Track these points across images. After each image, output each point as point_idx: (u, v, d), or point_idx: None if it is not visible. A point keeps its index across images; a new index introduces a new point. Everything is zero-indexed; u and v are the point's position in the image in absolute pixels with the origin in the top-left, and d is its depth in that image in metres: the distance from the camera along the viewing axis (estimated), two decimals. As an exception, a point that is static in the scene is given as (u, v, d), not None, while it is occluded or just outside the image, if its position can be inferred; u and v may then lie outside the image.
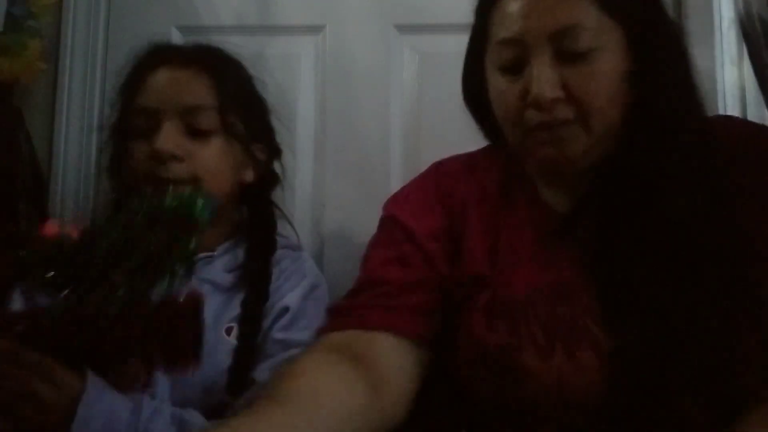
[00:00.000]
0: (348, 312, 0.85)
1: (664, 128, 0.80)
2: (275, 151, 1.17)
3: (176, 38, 1.49)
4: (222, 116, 1.04)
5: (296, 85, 1.47)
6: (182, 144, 1.01)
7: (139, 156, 1.02)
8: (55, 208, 1.41)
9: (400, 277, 0.85)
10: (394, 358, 0.80)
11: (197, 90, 1.05)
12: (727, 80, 1.29)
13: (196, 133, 1.03)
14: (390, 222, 0.95)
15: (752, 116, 1.27)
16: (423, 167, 1.42)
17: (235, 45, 1.49)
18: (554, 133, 0.80)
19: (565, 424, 0.78)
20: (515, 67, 0.82)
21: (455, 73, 1.48)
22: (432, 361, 0.85)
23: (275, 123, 1.20)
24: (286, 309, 1.04)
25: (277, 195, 1.29)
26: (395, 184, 1.43)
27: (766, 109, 1.25)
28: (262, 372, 0.98)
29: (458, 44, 1.47)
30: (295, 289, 1.07)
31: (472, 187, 0.93)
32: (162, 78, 1.05)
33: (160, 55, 1.09)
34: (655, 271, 0.76)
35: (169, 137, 1.00)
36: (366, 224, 1.43)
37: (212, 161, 1.03)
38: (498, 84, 0.85)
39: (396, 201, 0.99)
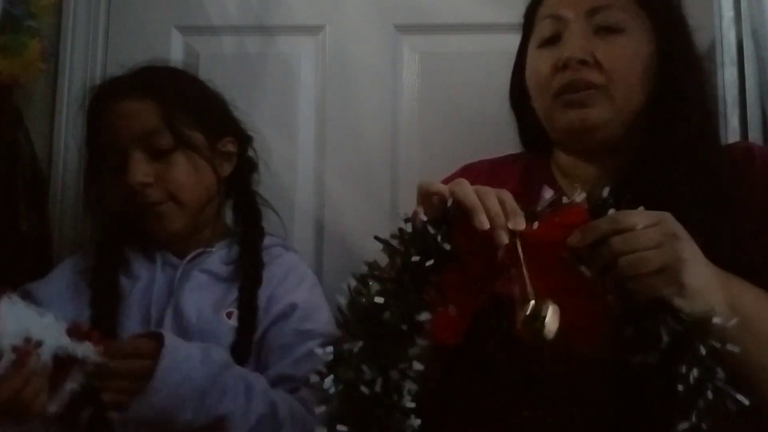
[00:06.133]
0: None
1: (676, 130, 0.88)
2: (246, 139, 1.24)
3: (176, 38, 1.49)
4: (174, 134, 1.10)
5: (296, 85, 1.47)
6: (149, 170, 1.09)
7: (116, 189, 1.11)
8: (55, 208, 1.41)
9: None
10: None
11: (144, 116, 1.10)
12: (727, 80, 1.29)
13: (158, 156, 1.10)
14: None
15: (752, 116, 1.27)
16: (423, 167, 1.43)
17: (236, 45, 1.50)
18: (580, 95, 0.89)
19: (571, 385, 0.80)
20: (552, 40, 0.93)
21: (455, 73, 1.48)
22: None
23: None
24: (293, 305, 1.11)
25: (277, 194, 1.30)
26: (395, 184, 1.43)
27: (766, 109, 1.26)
28: (291, 366, 1.06)
29: (458, 44, 1.48)
30: (300, 285, 1.15)
31: (494, 186, 1.00)
32: (113, 113, 1.11)
33: (105, 93, 1.15)
34: None
35: (137, 169, 1.08)
36: (366, 224, 1.44)
37: (180, 176, 1.11)
38: (535, 58, 0.96)
39: None
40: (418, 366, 0.65)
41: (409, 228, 0.68)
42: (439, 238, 0.67)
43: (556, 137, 0.97)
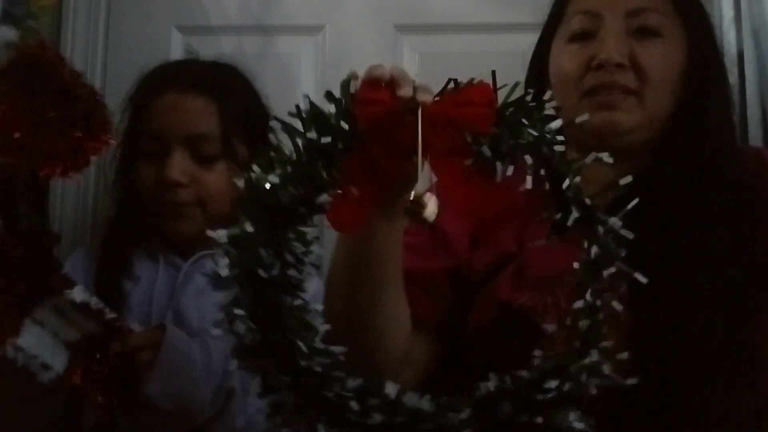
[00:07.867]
0: None
1: (700, 138, 0.86)
2: None
3: (176, 38, 1.49)
4: (225, 143, 1.09)
5: (296, 85, 1.47)
6: (188, 170, 1.07)
7: (147, 179, 1.09)
8: (55, 208, 1.41)
9: (419, 266, 0.86)
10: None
11: (202, 118, 1.09)
12: (727, 80, 1.29)
13: (201, 160, 1.08)
14: None
15: (752, 116, 1.27)
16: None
17: (235, 45, 1.50)
18: (612, 97, 0.86)
19: None
20: (585, 36, 0.89)
21: (455, 73, 1.47)
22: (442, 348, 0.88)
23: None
24: None
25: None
26: (395, 184, 1.43)
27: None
28: None
29: (458, 44, 1.48)
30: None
31: (502, 186, 0.98)
32: (168, 104, 1.09)
33: (166, 77, 1.12)
34: (678, 268, 0.80)
35: (177, 165, 1.06)
36: (366, 224, 1.44)
37: (215, 186, 1.09)
38: (563, 52, 0.91)
39: None
40: (319, 250, 0.63)
41: (306, 105, 0.64)
42: (336, 115, 0.63)
43: (577, 137, 0.95)
